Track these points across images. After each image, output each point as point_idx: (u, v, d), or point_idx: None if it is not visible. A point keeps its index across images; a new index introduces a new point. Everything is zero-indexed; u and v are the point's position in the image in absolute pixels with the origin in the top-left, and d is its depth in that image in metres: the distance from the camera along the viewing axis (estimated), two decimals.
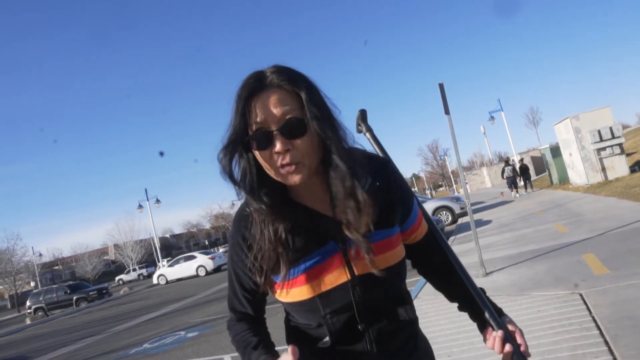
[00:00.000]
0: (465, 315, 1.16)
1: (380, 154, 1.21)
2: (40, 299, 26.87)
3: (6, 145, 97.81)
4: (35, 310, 26.50)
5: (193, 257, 25.38)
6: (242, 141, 0.94)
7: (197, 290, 16.36)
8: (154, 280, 27.26)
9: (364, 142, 1.15)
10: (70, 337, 11.95)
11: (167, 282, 25.51)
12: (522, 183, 21.29)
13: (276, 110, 0.90)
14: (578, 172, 15.40)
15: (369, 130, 1.27)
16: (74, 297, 26.30)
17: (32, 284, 48.88)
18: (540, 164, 28.25)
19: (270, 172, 0.95)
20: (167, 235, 78.66)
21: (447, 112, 6.21)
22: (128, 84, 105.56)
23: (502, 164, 24.12)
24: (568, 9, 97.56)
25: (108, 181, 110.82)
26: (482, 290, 1.12)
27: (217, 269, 24.08)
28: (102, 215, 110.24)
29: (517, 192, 19.41)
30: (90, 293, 26.66)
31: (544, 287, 4.81)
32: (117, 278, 50.63)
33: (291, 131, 0.90)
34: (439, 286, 1.21)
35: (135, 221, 54.92)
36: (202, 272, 24.14)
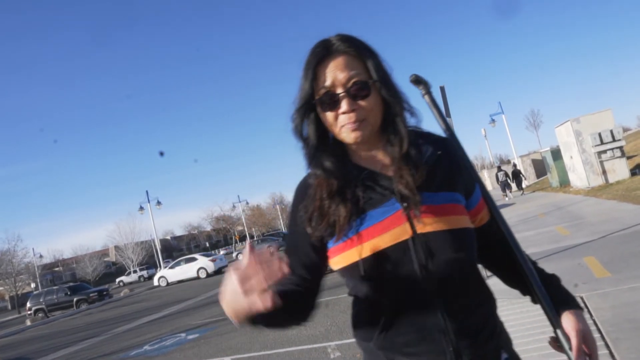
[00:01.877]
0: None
1: (440, 121, 1.14)
2: (41, 300, 26.86)
3: (7, 146, 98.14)
4: (36, 311, 26.49)
5: (194, 259, 25.39)
6: (310, 104, 1.01)
7: (197, 292, 16.35)
8: (155, 282, 27.27)
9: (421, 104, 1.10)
10: (70, 339, 11.95)
11: (168, 284, 25.50)
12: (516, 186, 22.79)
13: (342, 74, 0.98)
14: (579, 175, 15.39)
15: (429, 93, 1.14)
16: (75, 299, 26.29)
17: (33, 285, 48.91)
18: (541, 167, 28.24)
19: (335, 131, 1.02)
20: (168, 237, 78.70)
21: (448, 115, 6.23)
22: (129, 84, 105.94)
23: (506, 166, 26.99)
24: (569, 12, 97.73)
25: (109, 182, 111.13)
26: (555, 278, 1.05)
27: (218, 271, 24.07)
28: (103, 217, 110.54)
29: (509, 193, 20.98)
30: (91, 294, 26.64)
31: None
32: (117, 280, 50.65)
33: (356, 93, 0.98)
34: (507, 280, 1.14)
35: (136, 223, 54.99)
36: (202, 274, 24.13)
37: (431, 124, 1.11)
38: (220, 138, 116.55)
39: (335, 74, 0.98)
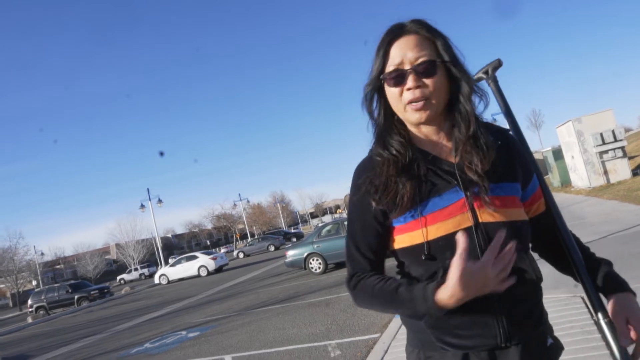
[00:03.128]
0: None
1: (503, 107, 1.19)
2: (42, 297, 26.92)
3: (9, 144, 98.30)
4: (37, 309, 26.55)
5: (195, 257, 25.41)
6: (379, 80, 1.05)
7: (198, 290, 16.38)
8: (156, 279, 27.29)
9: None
10: (71, 336, 11.97)
11: (169, 281, 25.53)
12: None
13: (412, 52, 1.01)
14: (580, 175, 15.38)
15: (494, 81, 1.19)
16: (76, 296, 26.33)
17: (34, 282, 49.02)
18: (542, 167, 28.24)
19: (399, 109, 1.04)
20: (169, 235, 78.78)
21: None
22: (129, 83, 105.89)
23: None
24: (570, 11, 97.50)
25: (110, 181, 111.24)
26: (606, 263, 1.08)
27: (218, 269, 24.11)
28: (104, 215, 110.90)
29: None
30: (92, 292, 26.68)
31: (545, 289, 4.78)
32: (118, 277, 50.68)
33: (424, 70, 1.00)
34: (559, 267, 1.16)
35: (137, 221, 55.09)
36: (203, 272, 24.16)
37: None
38: (221, 136, 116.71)
39: (405, 51, 1.01)
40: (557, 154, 18.84)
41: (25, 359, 10.32)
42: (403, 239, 1.04)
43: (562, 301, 4.28)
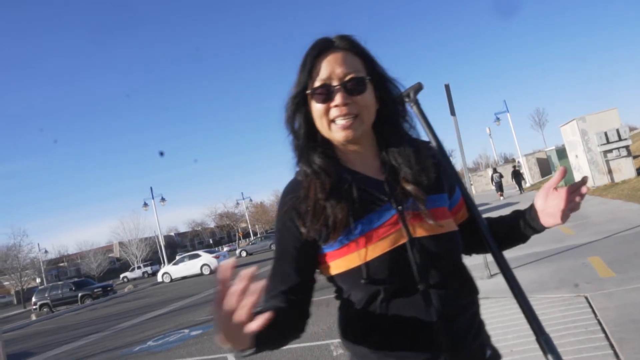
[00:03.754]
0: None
1: (427, 130, 1.19)
2: (46, 295, 27.06)
3: (13, 142, 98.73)
4: (41, 306, 26.69)
5: (197, 256, 25.48)
6: (304, 95, 1.01)
7: (201, 288, 16.41)
8: (159, 278, 27.37)
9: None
10: (75, 334, 12.03)
11: (172, 280, 25.60)
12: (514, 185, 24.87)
13: (340, 68, 0.98)
14: (584, 174, 15.30)
15: (417, 103, 1.21)
16: (79, 294, 26.46)
17: (38, 280, 49.24)
18: (545, 166, 28.12)
19: (323, 127, 1.00)
20: (172, 234, 78.97)
21: (452, 113, 6.21)
22: (130, 82, 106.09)
23: (508, 165, 29.92)
24: (575, 11, 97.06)
25: (113, 179, 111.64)
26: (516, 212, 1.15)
27: None
28: (108, 213, 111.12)
29: (502, 194, 23.17)
30: (95, 290, 26.81)
31: (548, 289, 4.79)
32: (121, 275, 50.87)
33: (352, 87, 0.98)
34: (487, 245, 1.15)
35: (140, 219, 55.26)
36: (206, 271, 24.21)
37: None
38: (223, 135, 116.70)
39: (333, 67, 0.98)
40: (561, 153, 18.77)
41: (29, 356, 10.37)
42: (338, 264, 0.99)
43: (566, 301, 4.26)
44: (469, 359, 0.99)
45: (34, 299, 27.70)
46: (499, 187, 23.49)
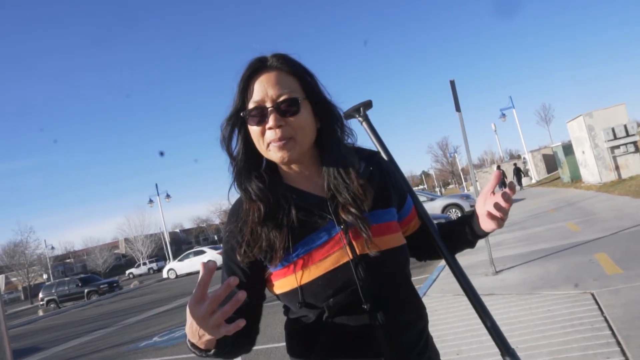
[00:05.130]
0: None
1: (378, 145, 1.22)
2: (53, 291, 27.29)
3: (21, 139, 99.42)
4: (48, 302, 26.92)
5: (202, 252, 25.57)
6: (239, 117, 0.99)
7: None
8: (164, 274, 27.54)
9: (360, 131, 1.16)
10: (81, 329, 12.13)
11: (177, 276, 25.74)
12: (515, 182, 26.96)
13: (273, 90, 0.96)
14: (591, 170, 15.20)
15: (366, 119, 1.26)
16: (86, 290, 26.67)
17: (45, 276, 49.66)
18: (552, 162, 27.94)
19: (262, 149, 0.99)
20: (177, 230, 79.37)
21: (458, 109, 6.17)
22: (135, 79, 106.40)
23: (513, 162, 30.94)
24: (581, 6, 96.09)
25: (119, 176, 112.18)
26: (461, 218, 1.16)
27: None
28: (113, 210, 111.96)
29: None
30: (101, 286, 27.02)
31: (555, 286, 4.76)
32: (127, 272, 51.22)
33: (285, 109, 0.96)
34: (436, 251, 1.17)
35: (146, 216, 55.63)
36: None
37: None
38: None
39: (266, 88, 0.96)
40: (568, 149, 18.64)
41: (36, 351, 10.47)
42: (279, 285, 0.99)
43: (572, 298, 4.23)
44: None
45: (41, 295, 27.94)
46: (502, 184, 24.62)
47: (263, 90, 0.96)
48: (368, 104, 1.27)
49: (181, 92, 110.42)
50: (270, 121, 0.95)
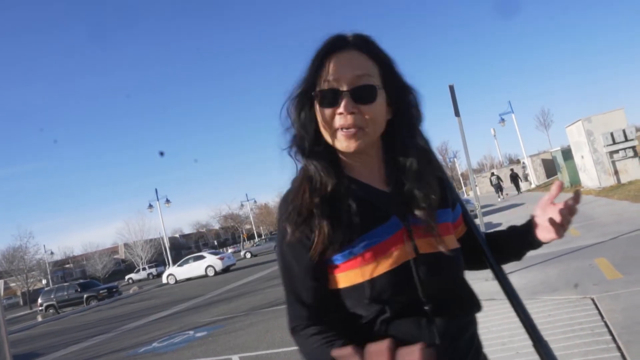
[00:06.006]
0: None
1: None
2: (52, 296, 27.22)
3: (19, 144, 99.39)
4: (47, 307, 26.84)
5: (202, 257, 25.53)
6: (309, 95, 0.92)
7: (205, 290, 16.44)
8: (164, 279, 27.45)
9: None
10: (80, 335, 12.08)
11: (177, 281, 25.66)
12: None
13: (350, 71, 0.89)
14: (590, 175, 15.22)
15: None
16: (85, 295, 26.59)
17: (44, 281, 49.51)
18: (551, 167, 27.95)
19: (327, 134, 0.92)
20: (177, 235, 79.21)
21: (457, 114, 6.20)
22: (135, 79, 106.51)
23: (512, 166, 32.69)
24: (580, 10, 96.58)
25: (119, 181, 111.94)
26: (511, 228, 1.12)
27: (225, 269, 24.18)
28: (113, 215, 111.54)
29: (501, 194, 25.54)
30: (101, 291, 26.92)
31: (555, 291, 4.77)
32: (127, 277, 51.03)
33: (360, 95, 0.89)
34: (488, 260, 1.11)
35: (146, 221, 55.41)
36: (211, 272, 24.25)
37: None
38: (228, 136, 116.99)
39: (343, 68, 0.89)
40: (567, 153, 18.67)
41: (35, 357, 10.43)
42: (345, 278, 0.91)
43: (572, 302, 4.23)
44: None
45: (40, 300, 27.87)
46: (498, 189, 25.84)
47: (339, 70, 0.89)
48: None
49: (181, 93, 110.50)
50: (342, 106, 0.88)
